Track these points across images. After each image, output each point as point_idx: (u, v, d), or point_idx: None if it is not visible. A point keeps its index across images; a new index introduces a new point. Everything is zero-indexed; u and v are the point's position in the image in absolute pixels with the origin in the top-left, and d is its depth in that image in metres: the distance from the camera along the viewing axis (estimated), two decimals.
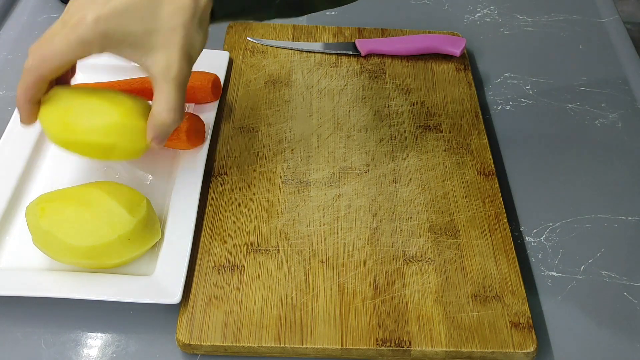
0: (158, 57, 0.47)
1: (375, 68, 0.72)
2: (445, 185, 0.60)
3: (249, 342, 0.49)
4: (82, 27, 0.45)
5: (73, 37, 0.45)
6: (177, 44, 0.47)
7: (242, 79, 0.69)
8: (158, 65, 0.47)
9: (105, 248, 0.50)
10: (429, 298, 0.52)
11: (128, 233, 0.50)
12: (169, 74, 0.47)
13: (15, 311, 0.51)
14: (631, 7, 1.91)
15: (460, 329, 0.50)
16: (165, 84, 0.47)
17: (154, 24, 0.46)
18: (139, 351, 0.50)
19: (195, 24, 0.47)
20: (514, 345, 0.50)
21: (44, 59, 0.46)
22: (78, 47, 0.46)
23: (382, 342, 0.49)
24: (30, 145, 0.60)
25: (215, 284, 0.52)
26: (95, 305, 0.51)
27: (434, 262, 0.54)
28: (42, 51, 0.46)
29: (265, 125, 0.65)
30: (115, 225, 0.50)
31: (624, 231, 0.60)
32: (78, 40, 0.45)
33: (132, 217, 0.50)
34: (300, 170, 0.61)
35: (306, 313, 0.51)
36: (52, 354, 0.49)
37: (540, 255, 0.58)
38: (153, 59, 0.47)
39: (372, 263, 0.54)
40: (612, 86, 0.73)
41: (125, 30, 0.45)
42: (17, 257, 0.53)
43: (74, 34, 0.45)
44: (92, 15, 0.45)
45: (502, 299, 0.52)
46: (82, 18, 0.45)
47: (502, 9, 0.83)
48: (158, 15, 0.46)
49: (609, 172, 0.65)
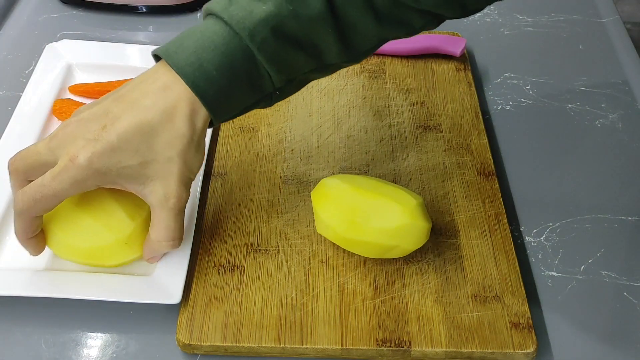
0: (155, 186, 0.45)
1: (375, 68, 0.72)
2: (445, 185, 0.60)
3: (249, 342, 0.49)
4: (74, 168, 0.43)
5: (66, 178, 0.43)
6: (174, 174, 0.45)
7: None
8: (156, 195, 0.45)
9: (102, 250, 0.49)
10: (429, 298, 0.52)
11: (126, 237, 0.49)
12: (167, 204, 0.46)
13: (15, 311, 0.51)
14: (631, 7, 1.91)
15: (460, 329, 0.50)
16: (164, 214, 0.46)
17: (150, 155, 0.44)
18: (139, 351, 0.50)
19: (192, 149, 0.45)
20: (514, 346, 0.50)
21: (36, 201, 0.44)
22: (71, 188, 0.44)
23: (382, 343, 0.49)
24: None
25: (215, 284, 0.52)
26: (95, 305, 0.51)
27: (433, 262, 0.54)
28: (33, 194, 0.44)
29: (265, 125, 0.65)
30: (113, 228, 0.49)
31: (624, 231, 0.60)
32: (72, 182, 0.43)
33: (131, 220, 0.50)
34: (300, 170, 0.61)
35: (306, 313, 0.51)
36: (52, 354, 0.49)
37: (540, 255, 0.58)
38: (150, 188, 0.45)
39: (372, 263, 0.54)
40: (612, 86, 0.73)
41: (120, 166, 0.44)
42: (17, 257, 0.53)
43: (66, 175, 0.43)
44: (84, 155, 0.43)
45: (502, 299, 0.52)
46: (74, 158, 0.43)
47: (502, 9, 0.83)
48: (153, 146, 0.44)
49: (609, 172, 0.65)
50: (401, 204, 0.50)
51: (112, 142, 0.43)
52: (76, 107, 0.63)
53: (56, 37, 0.75)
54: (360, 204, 0.50)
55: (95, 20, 0.77)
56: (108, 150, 0.43)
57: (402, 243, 0.51)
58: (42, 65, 0.67)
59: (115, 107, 0.44)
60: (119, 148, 0.43)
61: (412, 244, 0.51)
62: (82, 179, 0.43)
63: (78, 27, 0.77)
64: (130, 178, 0.45)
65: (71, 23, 0.77)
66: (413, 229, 0.50)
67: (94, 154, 0.43)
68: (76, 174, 0.43)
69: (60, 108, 0.63)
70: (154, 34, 0.76)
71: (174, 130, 0.44)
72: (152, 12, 0.78)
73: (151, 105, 0.44)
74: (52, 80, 0.66)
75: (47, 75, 0.66)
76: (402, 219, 0.50)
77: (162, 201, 0.46)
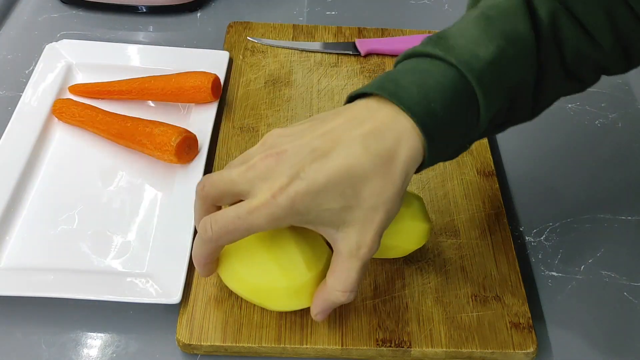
0: (350, 233, 0.41)
1: (375, 68, 0.72)
2: (445, 185, 0.60)
3: (249, 342, 0.49)
4: (275, 206, 0.40)
5: (264, 214, 0.40)
6: (374, 223, 0.41)
7: (242, 78, 0.69)
8: (348, 242, 0.42)
9: (270, 292, 0.46)
10: (429, 298, 0.52)
11: (298, 286, 0.46)
12: (357, 254, 0.42)
13: (15, 311, 0.51)
14: None
15: (460, 329, 0.50)
16: (350, 263, 0.42)
17: (354, 201, 0.40)
18: (139, 351, 0.50)
19: (399, 198, 0.42)
20: (514, 346, 0.50)
21: (228, 232, 0.41)
22: (267, 224, 0.41)
23: (382, 343, 0.49)
24: (30, 145, 0.60)
25: (215, 284, 0.52)
26: (95, 305, 0.51)
27: (433, 262, 0.54)
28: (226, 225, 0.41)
29: (265, 125, 0.65)
30: (289, 273, 0.46)
31: (624, 231, 0.60)
32: (269, 219, 0.40)
33: (308, 271, 0.46)
34: None
35: (306, 313, 0.50)
36: (52, 354, 0.49)
37: (540, 255, 0.58)
38: (343, 234, 0.42)
39: (372, 263, 0.54)
40: (612, 86, 0.73)
41: (321, 208, 0.40)
42: (17, 257, 0.53)
43: (265, 212, 0.40)
44: (288, 194, 0.39)
45: (502, 299, 0.52)
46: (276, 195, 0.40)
47: None
48: (361, 192, 0.40)
49: (608, 172, 0.65)
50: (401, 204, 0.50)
51: (318, 183, 0.40)
52: (76, 107, 0.63)
53: (56, 37, 0.75)
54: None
55: (95, 20, 0.77)
56: (313, 191, 0.40)
57: (402, 243, 0.51)
58: (42, 65, 0.67)
59: (322, 144, 0.41)
60: (324, 190, 0.40)
61: (412, 244, 0.51)
62: (279, 217, 0.40)
63: (78, 27, 0.77)
64: (327, 221, 0.42)
65: (71, 23, 0.77)
66: (413, 229, 0.50)
67: (298, 194, 0.40)
68: (275, 211, 0.40)
69: (60, 108, 0.63)
70: (154, 34, 0.76)
71: (387, 178, 0.41)
72: (152, 12, 0.78)
73: (365, 148, 0.40)
74: (52, 80, 0.66)
75: (47, 75, 0.66)
76: (402, 219, 0.50)
77: (352, 250, 0.42)
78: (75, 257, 0.54)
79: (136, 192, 0.59)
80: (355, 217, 0.41)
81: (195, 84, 0.63)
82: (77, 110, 0.63)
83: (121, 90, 0.64)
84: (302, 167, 0.40)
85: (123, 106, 0.65)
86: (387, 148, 0.40)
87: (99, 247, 0.54)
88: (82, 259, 0.53)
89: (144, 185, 0.59)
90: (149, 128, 0.59)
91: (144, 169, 0.60)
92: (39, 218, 0.56)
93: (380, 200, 0.41)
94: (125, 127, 0.60)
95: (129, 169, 0.60)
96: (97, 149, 0.62)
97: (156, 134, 0.58)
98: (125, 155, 0.61)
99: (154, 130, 0.59)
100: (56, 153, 0.61)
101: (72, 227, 0.56)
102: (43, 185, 0.58)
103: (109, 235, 0.55)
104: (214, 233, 0.42)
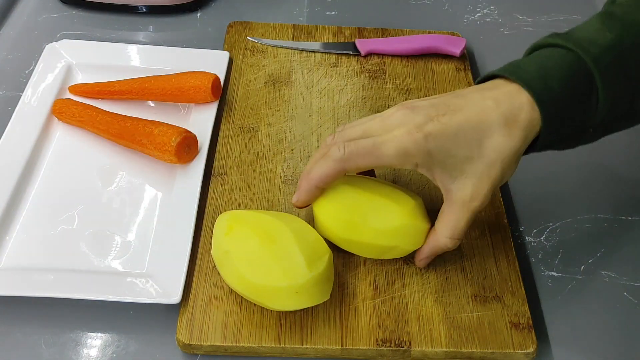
0: (466, 184, 0.45)
1: (375, 68, 0.72)
2: None
3: (249, 342, 0.49)
4: (411, 140, 0.44)
5: (397, 144, 0.44)
6: (490, 178, 0.45)
7: (242, 78, 0.69)
8: (463, 193, 0.46)
9: (270, 291, 0.47)
10: (429, 298, 0.52)
11: (298, 286, 0.46)
12: (470, 204, 0.46)
13: (15, 311, 0.51)
14: None
15: (460, 329, 0.50)
16: (461, 212, 0.47)
17: (477, 152, 0.44)
18: (139, 351, 0.50)
19: (515, 160, 0.46)
20: (514, 346, 0.50)
21: (359, 154, 0.45)
22: (396, 157, 0.44)
23: (382, 342, 0.49)
24: (30, 145, 0.60)
25: (215, 284, 0.52)
26: (95, 305, 0.51)
27: (433, 262, 0.54)
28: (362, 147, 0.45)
29: (265, 125, 0.65)
30: (289, 273, 0.46)
31: (624, 231, 0.60)
32: (401, 151, 0.44)
33: (308, 271, 0.46)
34: (300, 170, 0.61)
35: (306, 313, 0.51)
36: (52, 354, 0.49)
37: (540, 255, 0.58)
38: (459, 185, 0.46)
39: (372, 263, 0.54)
40: None
41: (448, 153, 0.44)
42: (17, 257, 0.53)
43: (399, 142, 0.44)
44: (426, 130, 0.44)
45: (502, 299, 0.52)
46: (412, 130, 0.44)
47: (502, 9, 0.83)
48: (483, 144, 0.44)
49: (609, 172, 0.65)
50: (400, 204, 0.50)
51: (452, 127, 0.44)
52: (76, 107, 0.63)
53: (56, 37, 0.75)
54: (359, 205, 0.50)
55: (95, 20, 0.77)
56: (445, 133, 0.44)
57: (401, 244, 0.51)
58: (42, 65, 0.67)
59: (455, 101, 0.46)
60: (454, 135, 0.44)
61: (411, 244, 0.51)
62: (409, 153, 0.44)
63: (78, 27, 0.77)
64: (448, 169, 0.45)
65: (71, 23, 0.77)
66: (412, 230, 0.50)
67: (431, 133, 0.44)
68: (408, 145, 0.44)
69: (60, 108, 0.63)
70: (154, 34, 0.76)
71: (509, 137, 0.44)
72: (152, 12, 0.78)
73: (493, 106, 0.45)
74: (52, 80, 0.66)
75: (47, 75, 0.66)
76: (401, 220, 0.50)
77: (466, 200, 0.46)
78: (75, 257, 0.54)
79: (136, 192, 0.59)
80: (474, 170, 0.45)
81: (195, 84, 0.63)
82: (77, 110, 0.63)
83: (121, 90, 0.64)
84: (437, 115, 0.44)
85: (123, 106, 0.65)
86: (513, 111, 0.45)
87: (99, 247, 0.54)
88: (82, 259, 0.53)
89: (144, 185, 0.59)
90: (148, 128, 0.59)
91: (144, 169, 0.60)
92: (39, 218, 0.56)
93: (500, 157, 0.45)
94: (125, 127, 0.60)
95: (129, 169, 0.60)
96: (97, 149, 0.62)
97: (156, 134, 0.58)
98: (125, 155, 0.61)
99: (154, 130, 0.59)
100: (56, 153, 0.61)
101: (72, 227, 0.56)
102: (43, 185, 0.58)
103: (109, 235, 0.55)
104: (346, 153, 0.45)
